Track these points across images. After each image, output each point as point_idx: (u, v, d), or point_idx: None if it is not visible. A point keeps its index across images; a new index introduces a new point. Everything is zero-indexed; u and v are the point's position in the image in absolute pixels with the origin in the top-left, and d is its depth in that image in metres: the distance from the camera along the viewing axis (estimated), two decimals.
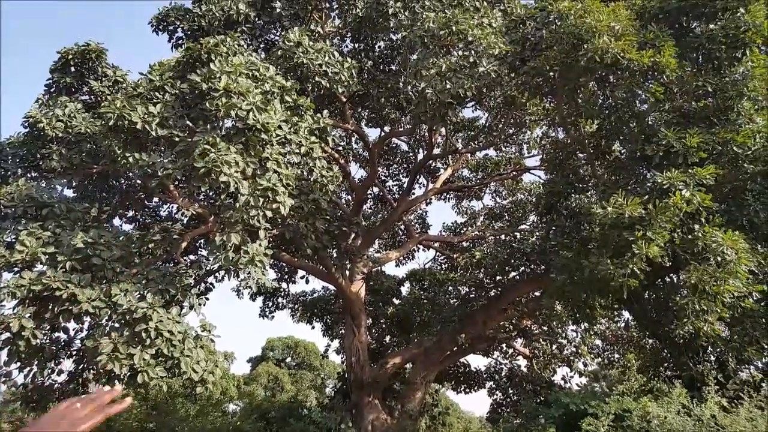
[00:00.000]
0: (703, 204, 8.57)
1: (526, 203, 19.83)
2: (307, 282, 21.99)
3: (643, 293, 10.77)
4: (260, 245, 9.48)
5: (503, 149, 20.32)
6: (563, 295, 10.81)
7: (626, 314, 16.08)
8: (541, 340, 20.15)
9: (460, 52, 12.16)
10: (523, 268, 15.95)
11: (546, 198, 12.96)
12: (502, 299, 16.34)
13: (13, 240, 9.12)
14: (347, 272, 16.64)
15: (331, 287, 20.66)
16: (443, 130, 17.99)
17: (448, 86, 11.59)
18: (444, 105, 11.84)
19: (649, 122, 10.24)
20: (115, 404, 1.24)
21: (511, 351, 21.14)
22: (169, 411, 18.93)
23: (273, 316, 22.45)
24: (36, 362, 9.24)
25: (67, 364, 10.69)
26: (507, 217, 20.21)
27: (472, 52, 12.06)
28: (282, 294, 22.15)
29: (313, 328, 23.13)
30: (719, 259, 8.25)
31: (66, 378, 10.65)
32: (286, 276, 20.81)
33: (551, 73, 11.35)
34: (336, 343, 23.86)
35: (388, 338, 22.28)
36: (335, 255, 15.95)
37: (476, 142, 19.08)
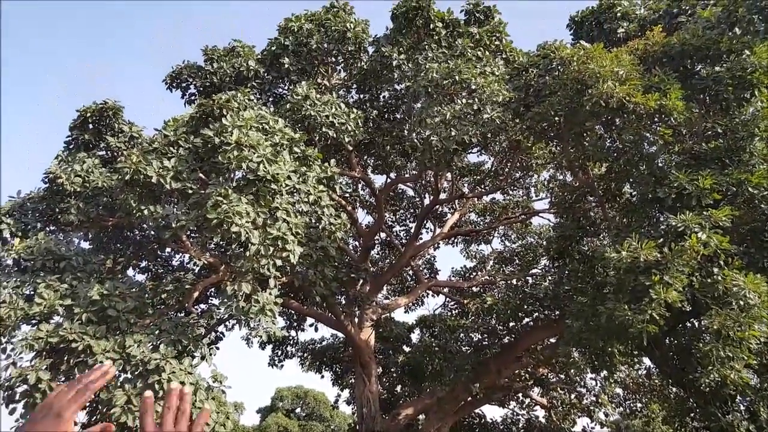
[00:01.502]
0: (721, 246, 8.36)
1: (536, 247, 19.61)
2: (316, 330, 21.69)
3: (663, 339, 10.50)
4: (270, 294, 9.49)
5: (510, 193, 20.35)
6: (580, 342, 10.52)
7: (647, 361, 15.61)
8: (558, 389, 19.54)
9: (464, 100, 12.35)
10: (536, 314, 15.60)
11: (557, 242, 12.82)
12: (517, 346, 15.96)
13: (32, 293, 9.28)
14: (356, 319, 16.44)
15: (341, 335, 20.38)
16: (449, 175, 18.10)
17: (452, 133, 11.73)
18: (449, 151, 11.95)
19: (659, 164, 10.20)
20: (101, 378, 1.21)
21: (528, 401, 20.44)
22: None
23: (282, 365, 22.10)
24: None
25: (81, 416, 10.55)
26: (517, 261, 19.98)
27: (476, 99, 12.26)
28: (291, 342, 21.85)
29: (322, 377, 22.71)
30: (742, 303, 7.99)
31: (79, 430, 10.48)
32: (295, 323, 20.59)
33: (556, 118, 11.46)
34: (346, 393, 23.35)
35: (399, 387, 21.75)
36: (344, 302, 15.82)
37: (482, 186, 19.14)
